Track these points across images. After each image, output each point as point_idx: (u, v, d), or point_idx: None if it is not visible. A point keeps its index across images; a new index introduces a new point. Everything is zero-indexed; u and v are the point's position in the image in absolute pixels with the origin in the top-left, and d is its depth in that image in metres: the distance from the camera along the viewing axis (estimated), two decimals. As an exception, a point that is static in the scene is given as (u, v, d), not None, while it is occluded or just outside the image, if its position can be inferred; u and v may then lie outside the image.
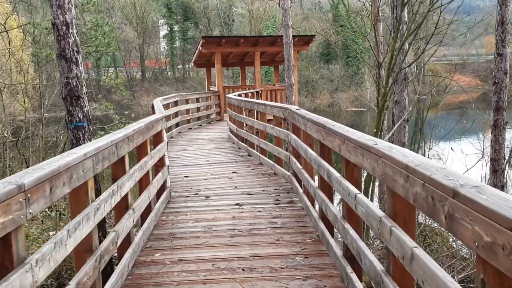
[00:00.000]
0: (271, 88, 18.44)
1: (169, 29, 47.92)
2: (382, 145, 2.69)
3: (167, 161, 6.39)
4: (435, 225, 9.06)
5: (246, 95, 14.58)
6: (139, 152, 4.89)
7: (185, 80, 47.10)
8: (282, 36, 13.54)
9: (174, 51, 47.70)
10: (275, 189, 6.64)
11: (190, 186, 7.07)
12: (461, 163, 12.31)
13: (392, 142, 11.05)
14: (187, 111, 15.26)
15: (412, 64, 9.99)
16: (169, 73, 48.42)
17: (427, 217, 8.78)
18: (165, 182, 6.01)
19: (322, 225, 4.39)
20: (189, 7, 47.73)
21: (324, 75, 42.89)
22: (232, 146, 10.91)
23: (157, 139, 5.86)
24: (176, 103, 14.13)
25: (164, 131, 7.73)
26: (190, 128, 15.04)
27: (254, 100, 11.75)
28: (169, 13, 47.39)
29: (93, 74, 43.52)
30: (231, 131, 11.72)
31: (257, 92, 16.28)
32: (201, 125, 15.88)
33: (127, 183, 3.87)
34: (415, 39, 9.63)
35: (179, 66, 48.35)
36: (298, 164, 5.90)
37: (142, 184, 4.94)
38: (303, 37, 18.88)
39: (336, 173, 3.73)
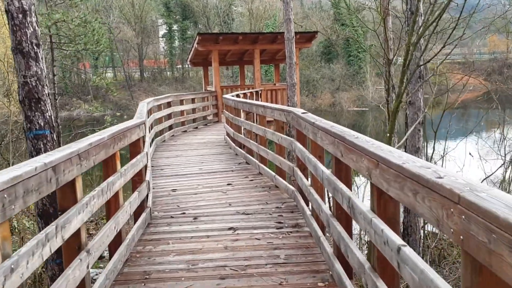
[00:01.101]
0: (271, 87, 17.41)
1: (168, 28, 47.06)
2: (451, 179, 1.65)
3: (147, 175, 5.37)
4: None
5: (244, 95, 13.56)
6: (105, 170, 3.88)
7: (184, 80, 46.17)
8: (283, 33, 12.50)
9: (173, 51, 46.81)
10: (277, 207, 5.62)
11: (177, 202, 6.04)
12: (474, 168, 11.34)
13: (405, 147, 10.00)
14: (182, 112, 14.26)
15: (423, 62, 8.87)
16: (168, 73, 47.53)
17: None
18: (144, 201, 4.99)
19: (338, 267, 3.37)
20: (188, 6, 46.87)
21: (325, 75, 41.95)
22: (228, 151, 9.89)
23: (133, 150, 4.84)
24: (169, 104, 13.13)
25: (147, 139, 6.73)
26: (185, 131, 14.02)
27: (253, 101, 10.73)
28: (168, 12, 46.59)
29: (91, 75, 42.54)
30: (228, 135, 10.70)
31: (257, 92, 15.26)
32: (196, 127, 14.85)
33: (76, 217, 2.85)
34: (433, 33, 8.56)
35: (178, 66, 47.42)
36: (305, 180, 4.88)
37: (110, 209, 3.93)
38: (305, 34, 17.82)
39: (362, 206, 2.69)
